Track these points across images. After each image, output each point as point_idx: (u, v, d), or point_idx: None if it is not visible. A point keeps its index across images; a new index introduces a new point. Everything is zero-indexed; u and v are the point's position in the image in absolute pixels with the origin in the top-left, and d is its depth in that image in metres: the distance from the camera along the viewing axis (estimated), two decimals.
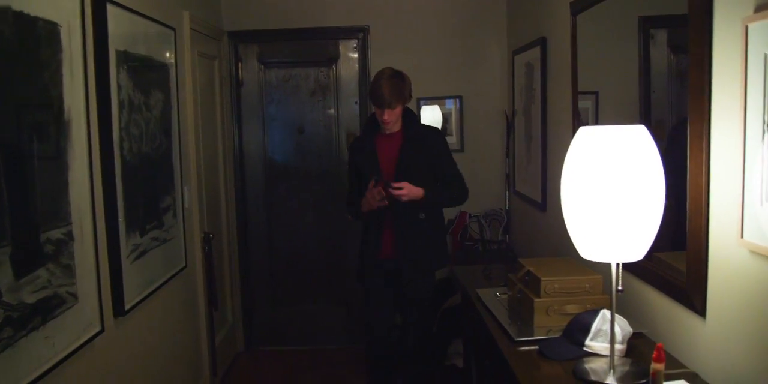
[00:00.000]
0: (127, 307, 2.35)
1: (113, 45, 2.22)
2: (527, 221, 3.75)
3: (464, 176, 3.12)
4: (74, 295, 1.95)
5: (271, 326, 4.44)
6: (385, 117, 2.88)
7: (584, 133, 1.59)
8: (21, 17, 1.67)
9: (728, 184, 1.56)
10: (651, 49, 2.17)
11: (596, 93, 2.68)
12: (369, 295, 3.17)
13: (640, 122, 2.19)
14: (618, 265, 1.64)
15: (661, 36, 2.16)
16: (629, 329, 1.88)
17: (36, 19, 1.73)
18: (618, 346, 1.80)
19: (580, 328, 1.88)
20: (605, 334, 1.82)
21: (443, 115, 4.30)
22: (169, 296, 2.92)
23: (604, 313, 1.87)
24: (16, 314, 1.63)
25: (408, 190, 2.82)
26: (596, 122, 2.66)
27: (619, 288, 1.66)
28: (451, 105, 4.29)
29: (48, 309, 1.80)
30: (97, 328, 2.10)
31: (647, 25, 2.20)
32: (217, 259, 3.79)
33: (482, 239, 4.22)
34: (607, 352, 1.77)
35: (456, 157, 3.12)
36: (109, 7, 2.17)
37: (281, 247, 4.39)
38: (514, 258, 3.95)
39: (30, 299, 1.71)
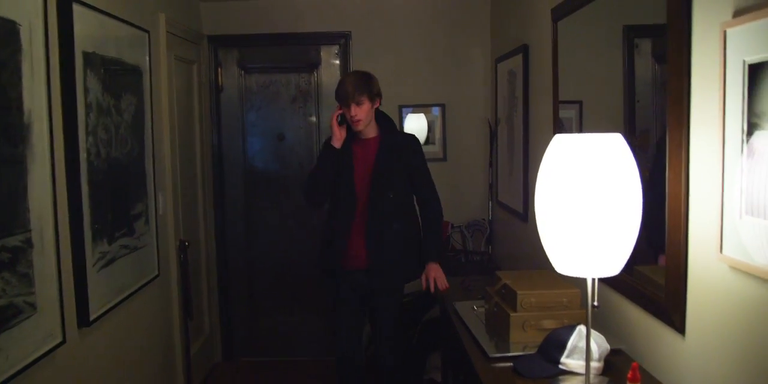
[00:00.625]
0: (93, 317, 2.27)
1: (80, 46, 2.15)
2: (509, 232, 3.70)
3: (447, 186, 3.06)
4: (32, 305, 1.87)
5: (249, 336, 4.35)
6: (352, 112, 2.79)
7: (559, 140, 1.53)
8: None
9: (707, 195, 1.51)
10: (635, 59, 2.15)
11: (580, 102, 2.64)
12: (337, 306, 3.08)
13: (625, 132, 2.16)
14: (594, 280, 1.58)
15: (645, 45, 2.14)
16: (606, 346, 1.82)
17: None
18: (594, 364, 1.74)
19: (555, 344, 1.81)
20: (581, 351, 1.76)
21: (429, 122, 4.24)
22: (141, 305, 2.84)
23: (581, 329, 1.81)
24: None
25: (436, 274, 2.88)
26: (580, 132, 2.62)
27: (595, 304, 1.59)
28: (437, 113, 4.24)
29: (2, 320, 1.72)
30: (58, 340, 2.02)
31: (631, 34, 2.18)
32: (193, 267, 3.70)
33: (465, 250, 4.16)
34: (583, 370, 1.71)
35: (438, 166, 3.08)
36: (76, 7, 2.11)
37: (261, 256, 4.31)
38: (497, 269, 3.91)
39: None
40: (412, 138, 3.04)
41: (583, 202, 1.45)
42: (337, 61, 4.16)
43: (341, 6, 4.12)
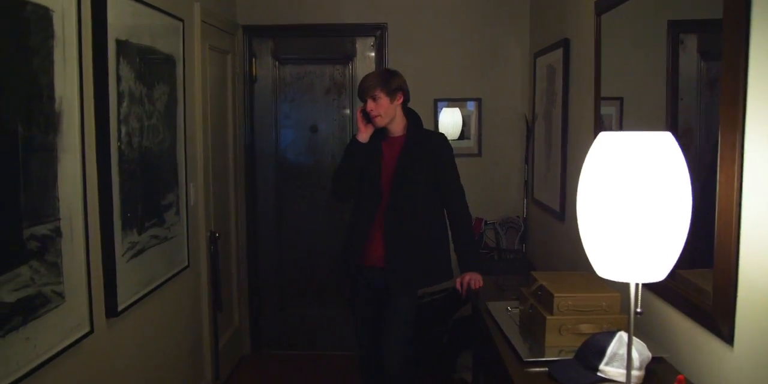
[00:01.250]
0: (121, 307, 2.26)
1: (113, 34, 2.12)
2: (545, 231, 3.60)
3: (481, 181, 2.99)
4: (60, 295, 1.86)
5: (278, 329, 4.33)
6: (369, 107, 2.76)
7: (605, 138, 1.45)
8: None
9: (762, 198, 1.42)
10: (680, 55, 2.06)
11: (621, 99, 2.55)
12: (354, 304, 3.06)
13: (667, 130, 2.07)
14: (637, 285, 1.50)
15: (691, 41, 2.06)
16: (648, 354, 1.74)
17: (25, 2, 1.64)
18: (635, 373, 1.66)
19: (594, 350, 1.74)
20: (622, 359, 1.68)
21: (465, 116, 4.16)
22: (170, 296, 2.83)
23: (621, 336, 1.73)
24: None
25: (472, 277, 2.83)
26: (620, 129, 2.54)
27: (638, 310, 1.51)
28: (472, 107, 4.15)
29: (30, 309, 1.70)
30: (86, 329, 2.01)
31: (677, 29, 2.09)
32: (223, 259, 3.69)
33: (498, 248, 4.08)
34: (623, 379, 1.63)
35: (473, 161, 3.00)
36: None
37: (291, 249, 4.29)
38: (531, 268, 3.83)
39: (9, 298, 1.62)
40: (440, 136, 2.97)
41: (630, 204, 1.37)
42: (373, 54, 4.10)
43: None
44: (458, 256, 2.91)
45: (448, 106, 4.13)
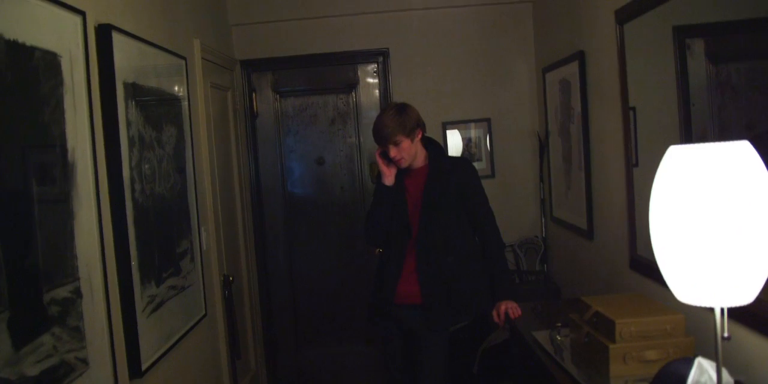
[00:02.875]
0: (145, 366, 2.10)
1: (121, 77, 2.01)
2: (569, 250, 3.48)
3: (497, 203, 2.88)
4: (84, 361, 1.71)
5: (296, 370, 4.16)
6: (392, 154, 2.64)
7: (676, 153, 1.34)
8: (15, 47, 1.46)
9: None
10: (688, 60, 2.04)
11: (633, 109, 2.49)
12: (385, 347, 2.94)
13: (681, 137, 2.03)
14: (723, 309, 1.37)
15: (697, 45, 2.04)
16: (730, 380, 1.61)
17: (33, 48, 1.52)
18: None
19: (673, 380, 1.60)
20: None
21: (467, 139, 4.06)
22: (190, 349, 2.67)
23: (701, 363, 1.59)
24: None
25: (508, 305, 2.69)
26: (636, 140, 2.47)
27: (726, 335, 1.39)
28: (478, 128, 4.06)
29: (54, 380, 1.56)
30: None
31: (682, 34, 2.07)
32: (237, 302, 3.53)
33: (519, 270, 3.95)
34: None
35: (487, 183, 2.89)
36: (115, 35, 1.96)
37: (304, 286, 4.14)
38: (556, 290, 3.69)
39: (33, 371, 1.47)
40: (463, 160, 2.90)
41: (711, 221, 1.26)
42: (376, 80, 4.01)
43: (376, 23, 3.97)
44: (493, 285, 2.77)
45: (449, 129, 4.03)
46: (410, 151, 2.67)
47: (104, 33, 1.92)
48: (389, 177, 2.71)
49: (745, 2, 1.79)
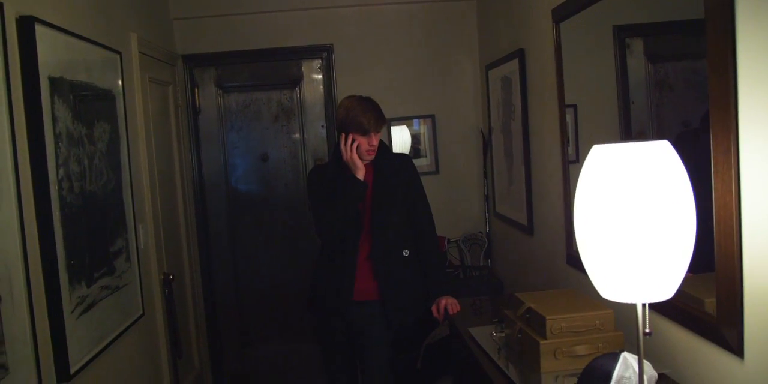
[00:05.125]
0: (74, 369, 2.04)
1: (45, 71, 1.94)
2: (512, 245, 3.52)
3: (441, 198, 2.88)
4: (3, 366, 1.65)
5: (242, 369, 4.11)
6: (374, 142, 2.59)
7: (599, 152, 1.36)
8: None
9: (763, 202, 1.35)
10: (627, 58, 2.09)
11: (575, 106, 2.53)
12: (328, 345, 2.84)
13: (621, 134, 2.08)
14: (644, 305, 1.40)
15: (637, 45, 2.09)
16: (653, 373, 1.65)
17: None
18: None
19: (598, 376, 1.63)
20: (629, 382, 1.58)
21: (413, 135, 4.08)
22: (126, 349, 2.60)
23: (625, 358, 1.63)
24: None
25: (448, 300, 2.68)
26: (576, 136, 2.51)
27: (647, 331, 1.42)
28: (417, 126, 4.07)
29: None
30: None
31: (622, 34, 2.11)
32: (179, 301, 3.47)
33: (463, 265, 3.99)
34: None
35: (431, 179, 2.90)
36: (39, 29, 1.89)
37: (249, 284, 4.09)
38: (499, 285, 3.74)
39: None
40: (405, 157, 2.88)
41: (633, 219, 1.28)
42: (320, 76, 3.98)
43: (321, 19, 3.94)
44: (429, 280, 2.77)
45: (393, 125, 4.02)
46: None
47: (26, 25, 1.84)
48: (362, 170, 2.59)
49: (680, 3, 1.83)
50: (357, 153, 2.59)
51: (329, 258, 2.75)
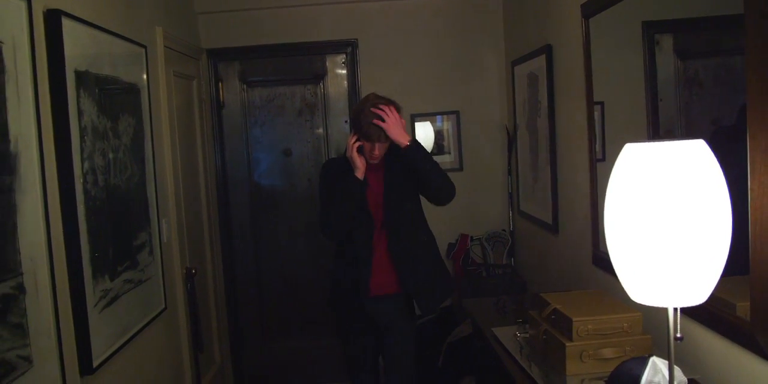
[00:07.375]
0: (96, 363, 2.05)
1: (72, 65, 1.94)
2: (536, 244, 3.48)
3: (465, 197, 2.86)
4: (27, 359, 1.65)
5: (263, 364, 4.12)
6: (376, 151, 2.56)
7: (631, 150, 1.32)
8: None
9: None
10: (657, 55, 2.04)
11: (602, 103, 2.48)
12: (350, 343, 2.83)
13: (648, 132, 2.03)
14: (676, 309, 1.36)
15: (666, 41, 2.05)
16: (683, 378, 1.61)
17: None
18: None
19: (626, 380, 1.59)
20: None
21: (437, 132, 4.04)
22: (148, 343, 2.61)
23: (655, 362, 1.59)
24: None
25: (392, 124, 2.51)
26: (603, 134, 2.47)
27: (678, 336, 1.38)
28: (440, 122, 4.03)
29: None
30: None
31: (651, 30, 2.07)
32: (201, 295, 3.48)
33: (486, 263, 3.95)
34: None
35: (454, 176, 2.83)
36: (65, 22, 1.89)
37: (271, 279, 4.09)
38: (522, 284, 3.70)
39: None
40: None
41: (666, 221, 1.24)
42: (344, 71, 3.96)
43: (346, 13, 3.91)
44: None
45: (418, 121, 3.99)
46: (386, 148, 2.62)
47: (53, 19, 1.84)
48: (362, 169, 2.60)
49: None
50: (362, 153, 2.59)
51: (343, 254, 2.75)
